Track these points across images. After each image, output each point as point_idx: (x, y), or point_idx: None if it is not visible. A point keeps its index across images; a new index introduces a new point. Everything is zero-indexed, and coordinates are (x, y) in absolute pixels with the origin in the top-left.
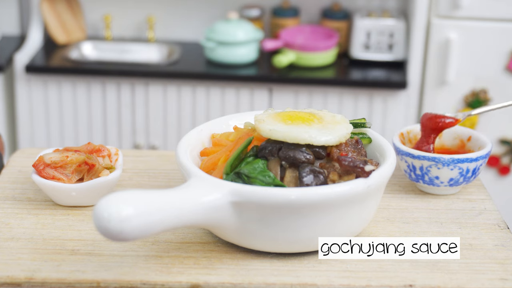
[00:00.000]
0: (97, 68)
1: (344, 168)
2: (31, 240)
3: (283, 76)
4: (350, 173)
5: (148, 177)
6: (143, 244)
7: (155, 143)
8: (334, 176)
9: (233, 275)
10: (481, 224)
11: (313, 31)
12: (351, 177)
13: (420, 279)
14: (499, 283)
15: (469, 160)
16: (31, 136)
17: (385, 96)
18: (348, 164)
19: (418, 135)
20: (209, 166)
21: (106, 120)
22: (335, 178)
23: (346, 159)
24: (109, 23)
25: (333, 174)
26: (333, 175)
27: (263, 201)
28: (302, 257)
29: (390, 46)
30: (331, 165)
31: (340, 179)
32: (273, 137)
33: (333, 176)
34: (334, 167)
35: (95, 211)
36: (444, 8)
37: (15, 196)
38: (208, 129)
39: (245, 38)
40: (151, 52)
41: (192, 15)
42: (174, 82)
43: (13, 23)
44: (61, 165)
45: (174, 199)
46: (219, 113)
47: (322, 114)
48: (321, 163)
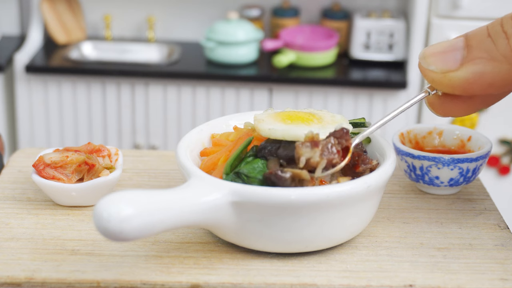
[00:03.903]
0: (97, 68)
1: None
2: (31, 240)
3: (283, 76)
4: (347, 174)
5: (148, 177)
6: (143, 244)
7: (155, 143)
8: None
9: (233, 275)
10: (481, 224)
11: (313, 31)
12: (348, 178)
13: (420, 279)
14: (499, 283)
15: (469, 160)
16: (31, 136)
17: (385, 96)
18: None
19: (418, 135)
20: (209, 166)
21: (106, 120)
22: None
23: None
24: (109, 23)
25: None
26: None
27: (263, 201)
28: (302, 257)
29: (390, 46)
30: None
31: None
32: (273, 136)
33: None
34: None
35: (95, 211)
36: (444, 8)
37: (15, 196)
38: (208, 129)
39: (245, 38)
40: (151, 52)
41: (192, 15)
42: (174, 82)
43: (13, 23)
44: (61, 165)
45: (174, 199)
46: (219, 113)
47: (322, 114)
48: None
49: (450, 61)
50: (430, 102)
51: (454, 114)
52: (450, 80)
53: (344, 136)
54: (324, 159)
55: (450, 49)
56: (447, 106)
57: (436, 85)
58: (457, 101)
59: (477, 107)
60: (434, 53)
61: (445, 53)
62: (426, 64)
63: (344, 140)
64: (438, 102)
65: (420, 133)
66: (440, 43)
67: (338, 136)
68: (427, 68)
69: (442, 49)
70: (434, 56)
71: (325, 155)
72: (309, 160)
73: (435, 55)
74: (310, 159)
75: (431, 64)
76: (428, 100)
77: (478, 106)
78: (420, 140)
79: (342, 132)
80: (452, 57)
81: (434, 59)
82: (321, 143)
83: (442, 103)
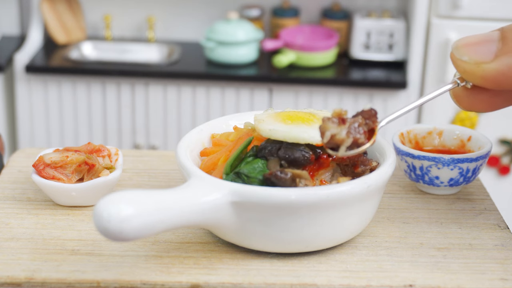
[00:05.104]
0: (97, 68)
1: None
2: (31, 240)
3: (283, 76)
4: (347, 174)
5: (148, 177)
6: (143, 244)
7: (155, 143)
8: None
9: (233, 275)
10: (481, 224)
11: (313, 31)
12: (348, 178)
13: (420, 279)
14: (499, 283)
15: (469, 160)
16: (31, 136)
17: (385, 96)
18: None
19: (418, 135)
20: (209, 166)
21: (106, 120)
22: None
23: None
24: (109, 23)
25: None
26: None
27: (263, 201)
28: (302, 257)
29: (390, 46)
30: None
31: (337, 180)
32: (273, 137)
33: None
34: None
35: (95, 211)
36: (444, 8)
37: (15, 196)
38: (208, 129)
39: (245, 38)
40: (151, 52)
41: (192, 15)
42: (174, 82)
43: (13, 23)
44: (61, 165)
45: (174, 199)
46: (219, 113)
47: (322, 114)
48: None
49: (485, 52)
50: (456, 94)
51: (479, 109)
52: (483, 71)
53: (372, 117)
54: (350, 138)
55: (484, 41)
56: (474, 99)
57: (468, 76)
58: (485, 95)
59: (503, 104)
60: (468, 44)
61: (480, 44)
62: (459, 54)
63: (371, 121)
64: (465, 94)
65: (420, 133)
66: (475, 35)
67: (366, 116)
68: (459, 58)
69: (477, 40)
70: (468, 46)
71: (352, 133)
72: (334, 136)
73: (468, 45)
74: (335, 135)
75: (464, 55)
76: (454, 92)
77: (504, 103)
78: (420, 140)
79: (370, 113)
80: (486, 48)
81: (468, 49)
82: (349, 120)
83: (468, 95)
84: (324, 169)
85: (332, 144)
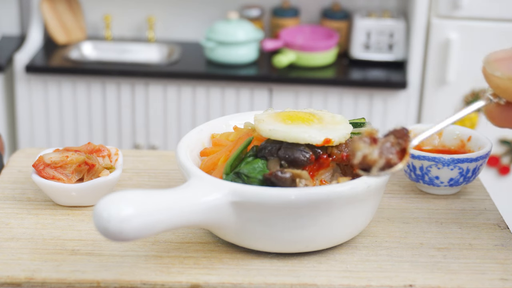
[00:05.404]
0: (97, 68)
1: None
2: (31, 240)
3: (283, 76)
4: (347, 174)
5: (148, 177)
6: (143, 244)
7: (155, 143)
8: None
9: (233, 275)
10: (481, 224)
11: (313, 31)
12: (348, 178)
13: (420, 279)
14: (499, 283)
15: (469, 160)
16: (31, 136)
17: (385, 96)
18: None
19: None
20: (209, 166)
21: (106, 120)
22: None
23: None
24: (109, 23)
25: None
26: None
27: (263, 201)
28: (302, 257)
29: (390, 46)
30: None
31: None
32: (273, 137)
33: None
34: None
35: (95, 211)
36: (444, 8)
37: (15, 196)
38: (208, 129)
39: (245, 38)
40: (151, 52)
41: (192, 15)
42: (174, 82)
43: (13, 23)
44: (61, 165)
45: (174, 199)
46: (219, 113)
47: (322, 114)
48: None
49: None
50: (489, 111)
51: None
52: None
53: (404, 136)
54: (383, 158)
55: None
56: (507, 116)
57: (501, 92)
58: None
59: None
60: (500, 59)
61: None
62: (492, 70)
63: (403, 140)
64: (498, 111)
65: (420, 133)
66: (505, 49)
67: (398, 135)
68: (492, 73)
69: (509, 55)
70: (501, 61)
71: (384, 154)
72: (366, 156)
73: (501, 60)
74: (367, 155)
75: (496, 70)
76: (487, 108)
77: None
78: None
79: (402, 132)
80: None
81: (501, 64)
82: (380, 140)
83: (501, 112)
84: (324, 169)
85: (363, 164)
